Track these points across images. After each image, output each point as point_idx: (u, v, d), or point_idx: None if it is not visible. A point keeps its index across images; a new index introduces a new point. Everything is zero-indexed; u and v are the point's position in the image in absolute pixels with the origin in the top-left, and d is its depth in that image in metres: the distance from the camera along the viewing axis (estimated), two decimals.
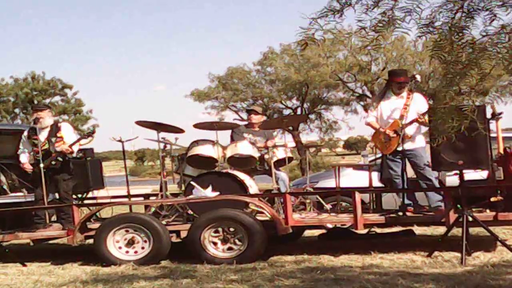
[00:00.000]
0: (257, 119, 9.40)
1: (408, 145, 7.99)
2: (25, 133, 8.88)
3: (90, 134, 8.98)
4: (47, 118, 8.79)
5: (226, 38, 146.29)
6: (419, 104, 8.08)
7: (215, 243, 7.67)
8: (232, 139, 9.07)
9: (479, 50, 4.09)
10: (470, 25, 4.10)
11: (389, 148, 8.09)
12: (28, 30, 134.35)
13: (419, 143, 8.08)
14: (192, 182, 8.15)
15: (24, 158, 8.77)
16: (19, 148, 8.92)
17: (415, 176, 8.26)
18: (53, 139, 8.64)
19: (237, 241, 7.65)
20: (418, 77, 8.20)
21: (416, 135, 8.09)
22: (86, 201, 9.80)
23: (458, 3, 4.08)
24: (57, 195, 8.96)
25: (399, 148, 7.97)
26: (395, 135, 7.98)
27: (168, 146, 8.98)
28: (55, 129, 8.77)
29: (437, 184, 8.09)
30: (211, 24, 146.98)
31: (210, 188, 8.03)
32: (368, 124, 8.39)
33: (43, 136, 8.69)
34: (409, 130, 7.97)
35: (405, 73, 8.61)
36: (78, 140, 8.76)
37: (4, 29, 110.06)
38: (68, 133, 8.85)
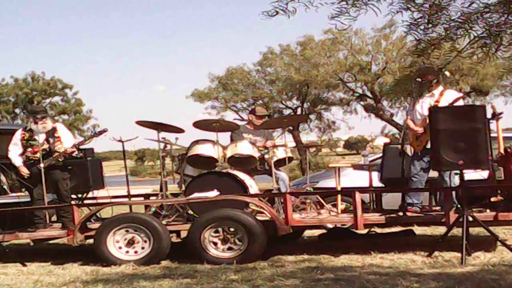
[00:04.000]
0: (261, 121, 9.43)
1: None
2: (18, 135, 8.83)
3: (102, 132, 9.00)
4: (49, 123, 8.80)
5: (226, 38, 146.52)
6: (449, 100, 8.03)
7: (215, 243, 7.67)
8: (232, 140, 9.07)
9: (456, 27, 4.09)
10: (450, 3, 4.09)
11: (419, 146, 8.08)
12: (28, 30, 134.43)
13: None
14: (193, 196, 8.11)
15: (19, 161, 8.73)
16: (9, 150, 8.86)
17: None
18: (51, 140, 8.65)
19: (237, 241, 7.64)
20: (447, 73, 8.16)
21: None
22: (86, 201, 9.78)
23: None
24: (53, 195, 8.96)
25: (428, 146, 7.95)
26: (422, 130, 7.98)
27: (168, 146, 8.98)
28: (51, 130, 8.77)
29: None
30: (211, 24, 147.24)
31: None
32: (405, 121, 8.56)
33: (41, 137, 8.69)
34: None
35: (431, 70, 8.54)
36: (90, 138, 8.95)
37: (4, 29, 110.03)
38: (65, 133, 8.88)
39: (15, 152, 8.76)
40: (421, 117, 8.14)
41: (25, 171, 8.63)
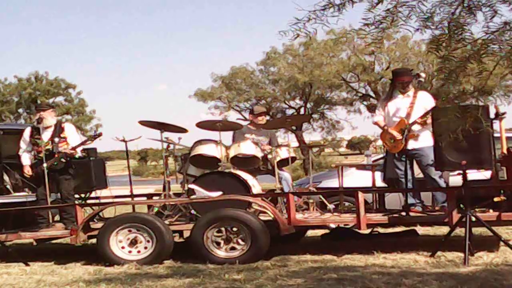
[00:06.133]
0: (264, 120, 9.43)
1: (414, 144, 7.98)
2: (27, 132, 8.86)
3: (96, 136, 8.95)
4: (49, 118, 8.77)
5: (228, 37, 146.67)
6: (425, 102, 8.07)
7: (218, 243, 7.67)
8: (234, 140, 9.07)
9: (481, 47, 4.07)
10: (471, 21, 4.08)
11: (396, 147, 8.08)
12: (30, 30, 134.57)
13: (426, 142, 8.03)
14: (191, 186, 8.13)
15: (26, 160, 8.76)
16: (20, 148, 8.91)
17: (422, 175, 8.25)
18: (56, 140, 8.64)
19: (240, 241, 7.64)
20: (422, 75, 8.20)
21: (423, 134, 8.06)
22: (89, 201, 9.79)
23: None
24: (58, 195, 8.97)
25: (405, 147, 7.96)
26: (400, 135, 7.97)
27: (171, 146, 8.98)
28: (58, 129, 8.76)
29: (442, 184, 8.06)
30: (213, 24, 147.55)
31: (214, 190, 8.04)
32: (375, 123, 8.45)
33: (46, 136, 8.68)
34: (415, 129, 7.97)
35: (408, 72, 8.61)
36: (83, 143, 8.76)
37: (7, 29, 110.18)
38: (71, 134, 8.85)
39: (23, 150, 8.81)
40: (397, 119, 8.12)
41: (27, 171, 8.64)
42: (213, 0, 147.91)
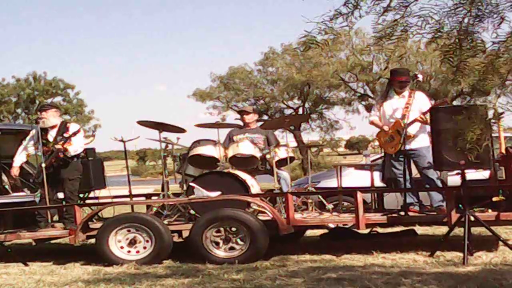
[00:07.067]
0: (249, 118, 9.42)
1: (411, 145, 7.99)
2: (33, 132, 8.82)
3: (89, 136, 8.91)
4: (51, 118, 8.73)
5: (227, 38, 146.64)
6: (421, 103, 8.08)
7: (217, 243, 7.67)
8: (225, 140, 9.11)
9: (494, 56, 4.08)
10: (479, 29, 4.08)
11: (393, 148, 8.08)
12: (29, 30, 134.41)
13: (422, 143, 8.06)
14: (191, 184, 8.13)
15: (17, 161, 8.76)
16: (26, 148, 8.87)
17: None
18: (59, 138, 8.61)
19: (239, 240, 7.64)
20: (420, 76, 8.21)
21: (420, 134, 8.07)
22: (88, 201, 9.78)
23: (466, 8, 4.07)
24: (60, 195, 8.96)
25: (402, 148, 7.97)
26: (397, 135, 7.97)
27: (170, 146, 8.98)
28: (63, 129, 8.72)
29: (439, 184, 8.07)
30: (212, 24, 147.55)
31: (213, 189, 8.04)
32: (371, 123, 8.45)
33: (52, 135, 8.67)
34: (411, 130, 7.97)
35: (407, 72, 8.61)
36: (68, 138, 8.67)
37: (5, 29, 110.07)
38: (75, 134, 8.75)
39: (19, 151, 8.79)
40: (393, 120, 8.13)
41: (14, 173, 8.67)
42: (213, 0, 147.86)
